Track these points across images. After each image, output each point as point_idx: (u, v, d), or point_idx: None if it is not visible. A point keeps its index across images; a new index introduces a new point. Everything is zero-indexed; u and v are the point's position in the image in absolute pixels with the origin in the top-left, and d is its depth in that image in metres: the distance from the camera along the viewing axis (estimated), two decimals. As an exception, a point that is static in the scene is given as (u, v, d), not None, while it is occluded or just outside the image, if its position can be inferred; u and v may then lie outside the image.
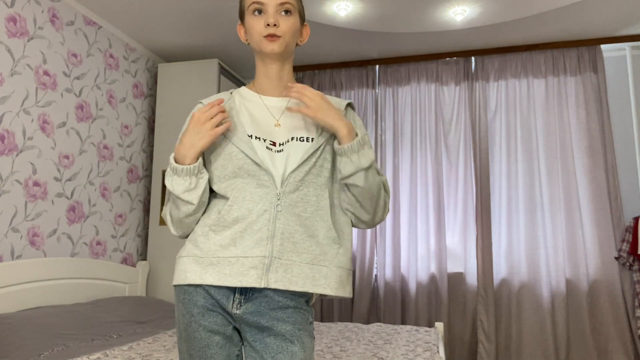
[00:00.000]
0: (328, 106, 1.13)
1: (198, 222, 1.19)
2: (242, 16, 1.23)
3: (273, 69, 1.22)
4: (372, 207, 1.19)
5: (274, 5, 1.15)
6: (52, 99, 2.93)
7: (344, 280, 1.15)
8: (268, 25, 1.15)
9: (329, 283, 1.12)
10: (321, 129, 1.18)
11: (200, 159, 1.13)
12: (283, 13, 1.16)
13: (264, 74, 1.23)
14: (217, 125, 1.13)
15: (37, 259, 2.66)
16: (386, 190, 1.24)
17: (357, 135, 1.15)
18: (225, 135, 1.16)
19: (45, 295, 2.68)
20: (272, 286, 1.07)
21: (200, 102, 1.25)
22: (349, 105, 1.28)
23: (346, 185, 1.17)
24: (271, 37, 1.15)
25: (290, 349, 1.09)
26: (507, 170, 3.73)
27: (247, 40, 1.24)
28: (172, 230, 1.21)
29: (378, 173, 1.21)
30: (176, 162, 1.14)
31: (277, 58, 1.19)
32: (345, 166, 1.13)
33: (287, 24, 1.16)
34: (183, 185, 1.12)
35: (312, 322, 1.16)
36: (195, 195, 1.13)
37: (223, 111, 1.13)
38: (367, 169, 1.13)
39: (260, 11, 1.17)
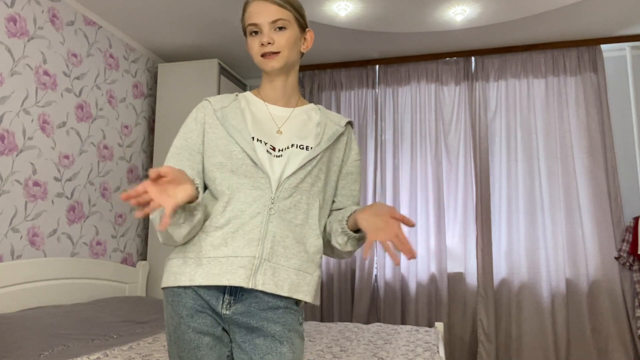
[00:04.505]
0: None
1: None
2: (245, 35, 1.25)
3: (277, 82, 1.24)
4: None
5: (267, 24, 1.17)
6: (52, 99, 2.93)
7: (318, 289, 1.19)
8: (262, 44, 1.17)
9: (310, 291, 1.14)
10: (320, 139, 1.20)
11: (200, 198, 1.06)
12: (278, 29, 1.18)
13: (269, 86, 1.25)
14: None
15: (37, 259, 2.65)
16: None
17: None
18: (229, 133, 1.16)
19: (45, 295, 2.68)
20: (259, 288, 1.08)
21: (207, 100, 1.24)
22: (349, 123, 1.32)
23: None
24: (268, 55, 1.17)
25: (279, 350, 1.09)
26: (507, 170, 3.73)
27: None
28: (158, 236, 1.16)
29: None
30: None
31: (279, 73, 1.22)
32: (350, 246, 1.19)
33: (283, 39, 1.17)
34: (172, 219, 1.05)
35: (302, 323, 1.17)
36: (181, 234, 1.08)
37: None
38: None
39: (256, 32, 1.19)
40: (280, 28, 1.18)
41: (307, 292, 1.13)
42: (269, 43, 1.16)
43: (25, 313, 2.32)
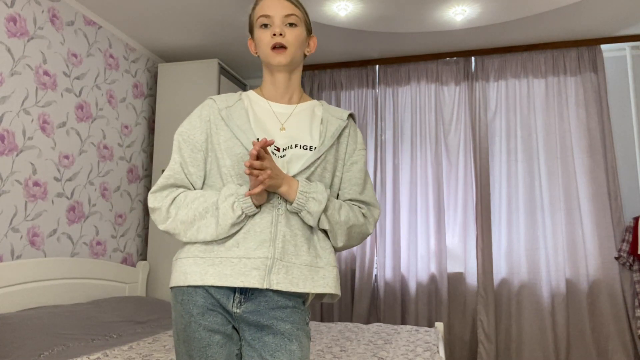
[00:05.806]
0: (274, 179, 1.10)
1: None
2: (251, 31, 1.27)
3: (280, 79, 1.25)
4: (343, 239, 1.21)
5: (279, 17, 1.20)
6: (52, 99, 2.93)
7: (338, 277, 1.19)
8: (274, 35, 1.19)
9: (328, 282, 1.15)
10: (323, 138, 1.21)
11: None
12: (289, 25, 1.21)
13: (271, 83, 1.26)
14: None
15: (37, 259, 2.65)
16: (366, 217, 1.26)
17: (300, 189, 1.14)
18: (234, 134, 1.17)
19: (45, 295, 2.68)
20: (274, 287, 1.09)
21: (211, 98, 1.25)
22: (351, 115, 1.31)
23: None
24: (278, 48, 1.19)
25: (288, 348, 1.10)
26: (507, 170, 3.73)
27: (257, 53, 1.27)
28: (160, 222, 1.16)
29: (343, 209, 1.21)
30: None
31: (284, 69, 1.23)
32: (306, 218, 1.15)
33: (293, 35, 1.21)
34: (238, 220, 1.11)
35: (308, 323, 1.19)
36: (231, 232, 1.12)
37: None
38: (324, 212, 1.15)
39: (267, 25, 1.21)
40: (291, 24, 1.21)
41: (325, 284, 1.14)
42: (280, 34, 1.19)
43: (25, 313, 2.32)
